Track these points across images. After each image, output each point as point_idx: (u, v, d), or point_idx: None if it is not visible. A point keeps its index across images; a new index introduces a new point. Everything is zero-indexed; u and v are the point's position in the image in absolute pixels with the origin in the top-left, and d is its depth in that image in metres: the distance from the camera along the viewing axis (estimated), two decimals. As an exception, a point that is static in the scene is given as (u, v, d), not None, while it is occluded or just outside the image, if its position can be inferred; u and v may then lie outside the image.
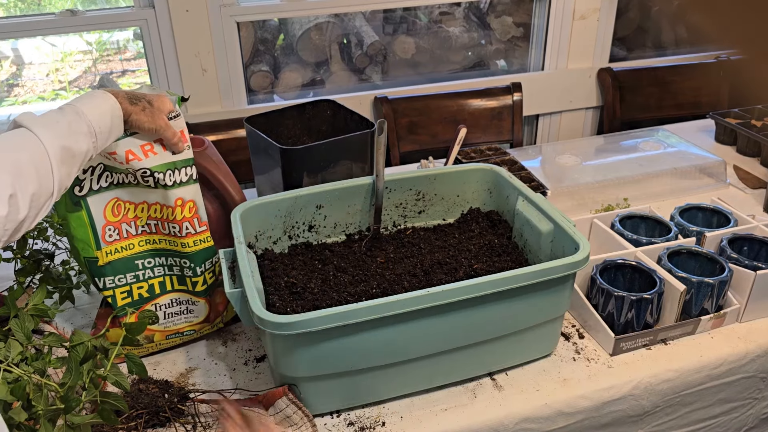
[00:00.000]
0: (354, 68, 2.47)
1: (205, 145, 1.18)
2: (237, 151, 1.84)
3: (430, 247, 1.21)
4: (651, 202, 1.48)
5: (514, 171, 1.55)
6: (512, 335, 1.03)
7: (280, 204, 1.17)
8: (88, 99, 0.91)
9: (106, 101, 0.92)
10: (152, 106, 0.99)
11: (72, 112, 0.87)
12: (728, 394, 1.16)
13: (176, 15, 1.98)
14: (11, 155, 0.77)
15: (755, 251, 1.26)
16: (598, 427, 1.08)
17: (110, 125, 0.91)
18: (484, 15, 2.61)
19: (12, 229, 0.76)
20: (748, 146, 1.82)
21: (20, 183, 0.76)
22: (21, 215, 0.76)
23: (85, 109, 0.88)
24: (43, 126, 0.82)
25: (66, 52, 2.50)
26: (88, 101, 0.90)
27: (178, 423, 0.96)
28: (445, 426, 0.99)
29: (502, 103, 2.31)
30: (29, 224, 0.79)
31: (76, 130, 0.85)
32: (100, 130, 0.89)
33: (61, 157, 0.82)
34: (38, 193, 0.78)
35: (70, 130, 0.85)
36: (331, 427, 0.98)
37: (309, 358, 0.93)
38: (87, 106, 0.89)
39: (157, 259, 1.10)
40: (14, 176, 0.76)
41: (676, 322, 1.14)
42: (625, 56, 2.70)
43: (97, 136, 0.88)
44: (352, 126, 1.42)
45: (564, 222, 1.08)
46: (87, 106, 0.89)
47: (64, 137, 0.83)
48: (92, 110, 0.89)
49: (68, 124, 0.85)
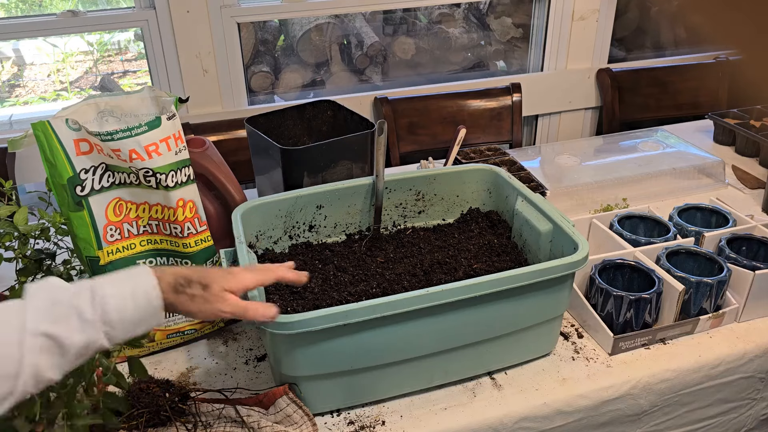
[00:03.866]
0: (354, 69, 2.48)
1: (205, 146, 1.18)
2: (238, 152, 1.85)
3: (430, 247, 1.21)
4: (650, 202, 1.48)
5: (513, 171, 1.56)
6: (511, 335, 1.04)
7: (280, 204, 1.18)
8: (115, 277, 0.75)
9: (138, 283, 0.74)
10: (207, 291, 0.79)
11: (86, 290, 0.71)
12: (726, 395, 1.16)
13: (177, 16, 1.98)
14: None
15: (754, 251, 1.27)
16: (596, 426, 1.08)
17: (138, 317, 0.73)
18: (483, 16, 2.62)
19: None
20: (746, 146, 1.82)
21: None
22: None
23: (107, 290, 0.72)
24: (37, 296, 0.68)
25: (67, 52, 2.50)
26: (114, 280, 0.74)
27: (179, 422, 0.96)
28: (444, 425, 0.99)
29: (501, 103, 2.31)
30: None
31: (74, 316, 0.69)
32: (120, 318, 0.72)
33: (41, 347, 0.67)
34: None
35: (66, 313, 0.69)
36: (332, 426, 0.99)
37: (309, 357, 0.93)
38: (109, 286, 0.73)
39: (158, 259, 1.11)
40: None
41: (674, 321, 1.14)
42: (624, 57, 2.70)
43: (114, 327, 0.71)
44: (353, 126, 1.42)
45: (563, 222, 1.09)
46: (110, 285, 0.73)
47: (52, 321, 0.68)
48: (114, 292, 0.72)
49: (70, 305, 0.70)
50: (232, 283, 0.81)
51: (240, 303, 0.81)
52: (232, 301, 0.80)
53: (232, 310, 0.80)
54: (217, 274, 0.81)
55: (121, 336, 0.73)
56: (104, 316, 0.71)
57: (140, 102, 1.08)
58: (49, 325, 0.68)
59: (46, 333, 0.67)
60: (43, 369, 0.67)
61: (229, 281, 0.81)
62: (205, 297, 0.79)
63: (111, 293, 0.72)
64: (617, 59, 2.62)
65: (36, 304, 0.69)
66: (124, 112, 1.07)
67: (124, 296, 0.73)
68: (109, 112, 1.06)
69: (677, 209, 1.38)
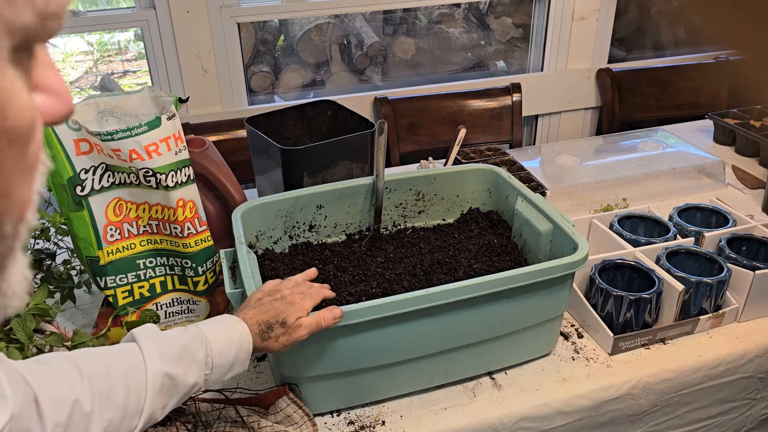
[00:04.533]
0: (354, 69, 2.48)
1: (205, 146, 1.18)
2: (238, 152, 1.85)
3: (430, 247, 1.21)
4: (650, 202, 1.48)
5: (513, 171, 1.56)
6: (511, 335, 1.04)
7: (280, 204, 1.18)
8: (215, 323, 0.80)
9: (236, 330, 0.80)
10: (285, 326, 0.84)
11: (194, 335, 0.76)
12: (726, 395, 1.16)
13: (177, 16, 1.98)
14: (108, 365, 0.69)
15: (754, 251, 1.27)
16: (596, 426, 1.08)
17: (232, 361, 0.79)
18: (483, 16, 2.62)
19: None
20: (746, 146, 1.82)
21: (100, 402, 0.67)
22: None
23: (210, 335, 0.77)
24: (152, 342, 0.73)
25: (67, 52, 2.50)
26: (215, 326, 0.79)
27: (179, 422, 0.96)
28: (444, 425, 0.99)
29: (501, 103, 2.31)
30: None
31: (189, 357, 0.74)
32: (219, 363, 0.77)
33: (161, 386, 0.72)
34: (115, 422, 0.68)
35: (182, 354, 0.74)
36: (332, 426, 0.99)
37: (309, 357, 0.93)
38: (213, 331, 0.78)
39: (158, 259, 1.11)
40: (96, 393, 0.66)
41: (674, 321, 1.14)
42: (624, 57, 2.70)
43: (212, 370, 0.77)
44: (353, 126, 1.43)
45: (563, 222, 1.09)
46: (213, 331, 0.78)
47: (172, 362, 0.73)
48: (218, 338, 0.78)
49: (183, 347, 0.75)
50: (300, 314, 0.86)
51: (312, 322, 0.86)
52: (306, 324, 0.85)
53: (309, 332, 0.86)
54: (285, 308, 0.86)
55: (215, 379, 0.79)
56: (209, 360, 0.77)
57: (140, 102, 1.08)
58: (168, 367, 0.73)
59: (166, 373, 0.72)
60: (157, 408, 0.73)
61: (299, 311, 0.86)
62: (287, 333, 0.84)
63: (214, 339, 0.78)
64: (617, 59, 2.62)
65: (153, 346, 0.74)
66: (124, 112, 1.07)
67: (226, 343, 0.78)
68: (109, 112, 1.06)
69: (677, 209, 1.38)
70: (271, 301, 0.87)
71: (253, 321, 0.83)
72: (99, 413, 0.67)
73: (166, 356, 0.73)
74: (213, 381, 0.79)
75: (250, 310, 0.86)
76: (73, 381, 0.67)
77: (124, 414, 0.69)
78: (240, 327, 0.81)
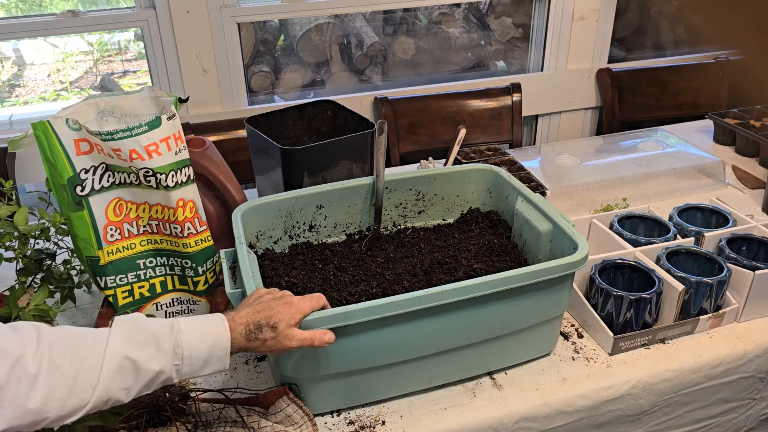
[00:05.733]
0: (354, 69, 2.48)
1: (206, 146, 1.18)
2: (238, 152, 1.85)
3: (430, 247, 1.21)
4: (650, 202, 1.48)
5: (513, 171, 1.56)
6: (511, 335, 1.04)
7: (280, 204, 1.18)
8: (196, 318, 0.83)
9: (214, 327, 0.82)
10: (276, 332, 0.84)
11: (167, 325, 0.79)
12: (726, 394, 1.16)
13: (177, 16, 1.98)
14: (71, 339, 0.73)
15: (754, 251, 1.27)
16: (596, 426, 1.08)
17: (206, 356, 0.80)
18: (483, 16, 2.62)
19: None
20: (746, 146, 1.82)
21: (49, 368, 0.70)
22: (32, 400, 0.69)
23: (184, 327, 0.79)
24: (123, 325, 0.76)
25: (67, 52, 2.50)
26: (194, 320, 0.82)
27: (179, 422, 0.96)
28: (444, 425, 0.99)
29: (501, 103, 2.31)
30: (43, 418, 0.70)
31: (155, 344, 0.77)
32: (190, 355, 0.79)
33: (119, 367, 0.74)
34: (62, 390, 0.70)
35: (148, 340, 0.77)
36: (332, 426, 0.99)
37: (309, 357, 0.93)
38: (188, 325, 0.80)
39: (158, 259, 1.11)
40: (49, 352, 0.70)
41: (674, 321, 1.14)
42: (624, 57, 2.70)
43: (183, 361, 0.79)
44: (353, 126, 1.43)
45: (563, 222, 1.09)
46: (189, 324, 0.80)
47: (134, 347, 0.75)
48: (191, 331, 0.80)
49: (152, 334, 0.77)
50: (297, 318, 0.86)
51: (305, 336, 0.86)
52: (298, 336, 0.85)
53: (300, 344, 0.85)
54: (281, 311, 0.85)
55: (188, 372, 0.80)
56: (177, 350, 0.78)
57: (140, 102, 1.08)
58: (130, 349, 0.75)
59: (126, 356, 0.74)
60: (116, 389, 0.74)
61: (294, 316, 0.86)
62: (276, 338, 0.84)
63: (186, 330, 0.79)
64: (617, 59, 2.62)
65: (121, 329, 0.77)
66: (124, 112, 1.07)
67: (198, 336, 0.80)
68: (109, 112, 1.06)
69: (677, 209, 1.38)
70: (270, 299, 0.88)
71: (241, 321, 0.84)
72: (45, 378, 0.70)
73: (131, 340, 0.76)
74: (187, 373, 0.80)
75: (245, 309, 0.86)
76: (28, 343, 0.71)
77: (73, 384, 0.71)
78: (220, 325, 0.82)
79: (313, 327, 0.88)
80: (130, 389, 0.76)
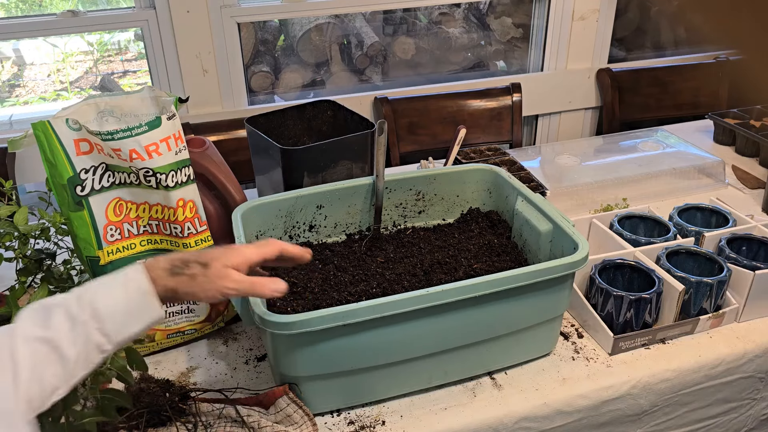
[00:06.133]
0: (354, 69, 2.48)
1: (206, 146, 1.18)
2: (238, 152, 1.85)
3: (430, 247, 1.21)
4: (650, 202, 1.48)
5: (513, 171, 1.56)
6: (511, 335, 1.04)
7: (280, 204, 1.18)
8: (107, 276, 0.73)
9: (129, 275, 0.72)
10: (208, 269, 0.75)
11: (73, 292, 0.70)
12: (726, 394, 1.17)
13: (177, 16, 1.98)
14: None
15: (754, 251, 1.27)
16: (596, 426, 1.08)
17: (129, 307, 0.71)
18: (483, 16, 2.62)
19: None
20: (746, 146, 1.82)
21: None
22: None
23: (93, 286, 0.71)
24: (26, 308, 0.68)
25: (67, 52, 2.50)
26: (104, 277, 0.73)
27: (179, 422, 0.96)
28: (444, 425, 0.99)
29: (501, 103, 2.31)
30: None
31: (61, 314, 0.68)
32: (109, 311, 0.70)
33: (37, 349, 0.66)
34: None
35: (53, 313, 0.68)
36: (332, 426, 0.99)
37: (309, 357, 0.93)
38: (97, 283, 0.71)
39: (158, 259, 1.11)
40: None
41: (674, 321, 1.14)
42: (624, 57, 2.71)
43: (103, 320, 0.69)
44: (353, 126, 1.43)
45: (563, 222, 1.09)
46: (98, 283, 0.72)
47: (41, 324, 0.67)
48: (100, 286, 0.71)
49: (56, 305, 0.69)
50: (234, 259, 0.77)
51: (245, 278, 0.76)
52: (235, 277, 0.76)
53: (237, 286, 0.76)
54: (217, 252, 0.77)
55: (116, 329, 0.70)
56: (93, 312, 0.68)
57: (140, 102, 1.08)
58: (39, 329, 0.66)
59: (38, 337, 0.66)
60: (46, 378, 0.66)
61: (231, 257, 0.76)
62: (206, 276, 0.74)
63: (97, 287, 0.71)
64: (617, 59, 2.62)
65: (25, 312, 0.69)
66: (124, 112, 1.07)
67: (111, 287, 0.71)
68: (109, 112, 1.06)
69: (677, 209, 1.38)
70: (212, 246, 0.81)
71: (165, 258, 0.75)
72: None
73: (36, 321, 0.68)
74: (116, 331, 0.70)
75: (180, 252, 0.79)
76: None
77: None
78: (132, 268, 0.73)
79: (313, 326, 0.88)
80: (63, 375, 0.67)
